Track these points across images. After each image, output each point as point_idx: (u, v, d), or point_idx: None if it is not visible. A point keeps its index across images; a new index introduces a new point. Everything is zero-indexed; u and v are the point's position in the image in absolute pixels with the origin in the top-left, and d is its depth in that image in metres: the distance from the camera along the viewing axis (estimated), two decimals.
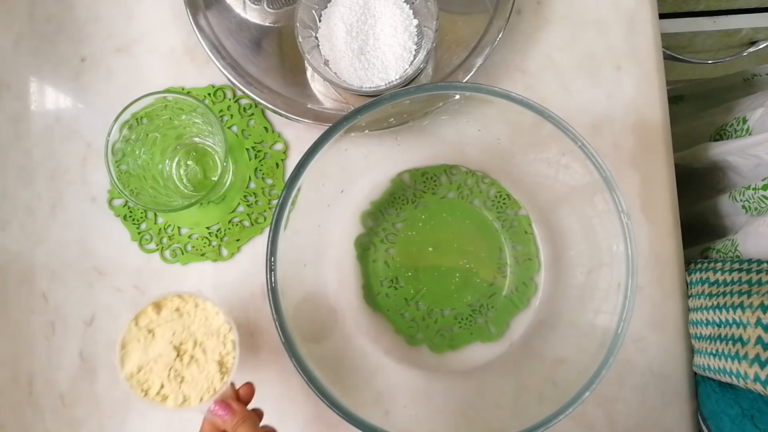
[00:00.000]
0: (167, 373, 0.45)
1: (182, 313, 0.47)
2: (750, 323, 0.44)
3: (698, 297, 0.53)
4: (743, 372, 0.44)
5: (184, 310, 0.47)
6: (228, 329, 0.46)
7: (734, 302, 0.46)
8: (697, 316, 0.53)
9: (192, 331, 0.46)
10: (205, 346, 0.46)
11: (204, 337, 0.46)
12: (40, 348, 0.58)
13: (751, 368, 0.43)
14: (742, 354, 0.44)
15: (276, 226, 0.45)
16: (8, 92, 0.60)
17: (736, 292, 0.47)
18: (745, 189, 0.58)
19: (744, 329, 0.45)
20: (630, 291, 0.44)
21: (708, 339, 0.50)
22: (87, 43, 0.60)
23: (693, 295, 0.55)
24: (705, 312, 0.51)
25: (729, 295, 0.48)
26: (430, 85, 0.49)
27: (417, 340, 0.56)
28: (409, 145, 0.57)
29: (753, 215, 0.57)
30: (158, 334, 0.46)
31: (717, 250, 0.58)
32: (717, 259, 0.54)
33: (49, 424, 0.57)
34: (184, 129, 0.55)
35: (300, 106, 0.56)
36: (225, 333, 0.46)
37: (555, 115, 0.45)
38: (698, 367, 0.52)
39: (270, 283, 0.45)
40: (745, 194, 0.58)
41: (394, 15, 0.54)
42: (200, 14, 0.57)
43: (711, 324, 0.50)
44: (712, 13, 0.92)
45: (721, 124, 0.66)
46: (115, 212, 0.58)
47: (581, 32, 0.59)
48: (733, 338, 0.46)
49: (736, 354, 0.45)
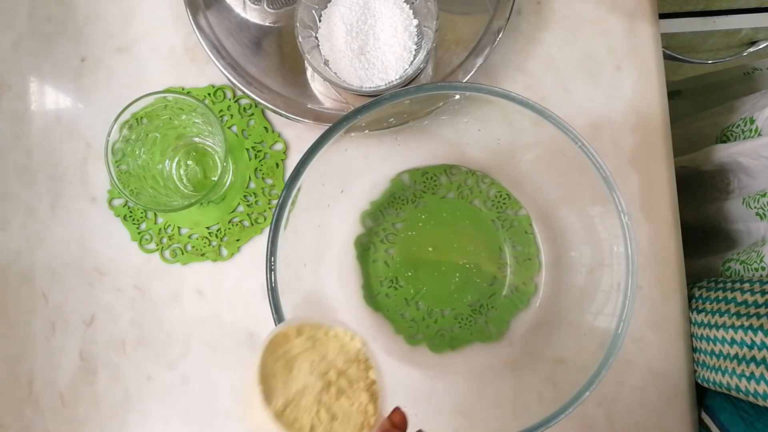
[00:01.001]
0: (316, 408, 0.38)
1: (315, 341, 0.40)
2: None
3: (720, 314, 0.51)
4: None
5: (317, 337, 0.40)
6: (366, 354, 0.40)
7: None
8: (718, 333, 0.51)
9: (330, 359, 0.39)
10: (349, 375, 0.39)
11: (345, 364, 0.39)
12: (40, 348, 0.58)
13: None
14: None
15: (276, 226, 0.45)
16: (8, 92, 0.60)
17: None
18: (761, 196, 0.57)
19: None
20: (630, 291, 0.44)
21: (734, 359, 0.48)
22: (87, 43, 0.60)
23: (707, 311, 0.53)
24: (732, 331, 0.49)
25: (766, 317, 0.46)
26: (430, 85, 0.49)
27: (417, 340, 0.56)
28: (409, 145, 0.57)
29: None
30: (296, 365, 0.39)
31: (741, 261, 0.57)
32: (742, 279, 0.52)
33: (49, 424, 0.57)
34: (184, 129, 0.55)
35: (300, 106, 0.56)
36: (364, 359, 0.40)
37: (555, 115, 0.45)
38: (718, 384, 0.50)
39: (270, 283, 0.45)
40: (760, 201, 0.57)
41: (394, 15, 0.54)
42: (200, 14, 0.57)
43: (741, 344, 0.48)
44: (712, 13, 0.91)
45: (726, 125, 0.65)
46: (115, 212, 0.58)
47: (581, 32, 0.59)
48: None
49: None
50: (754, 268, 0.54)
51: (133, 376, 0.57)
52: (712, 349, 0.52)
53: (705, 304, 0.54)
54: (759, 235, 0.59)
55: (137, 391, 0.57)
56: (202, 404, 0.57)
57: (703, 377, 0.53)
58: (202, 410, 0.57)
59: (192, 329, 0.57)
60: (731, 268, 0.58)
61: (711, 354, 0.52)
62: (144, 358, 0.57)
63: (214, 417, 0.57)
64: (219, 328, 0.57)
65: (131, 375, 0.57)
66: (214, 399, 0.57)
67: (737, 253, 0.59)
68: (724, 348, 0.50)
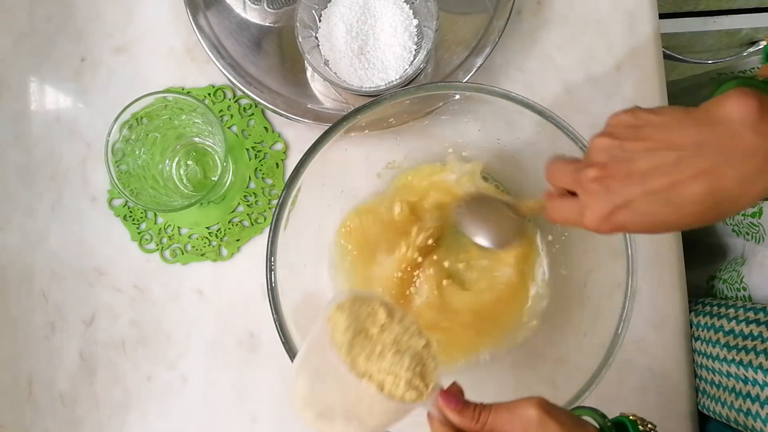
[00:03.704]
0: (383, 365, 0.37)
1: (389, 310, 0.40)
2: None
3: (713, 344, 0.51)
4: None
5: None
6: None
7: (761, 363, 0.44)
8: (714, 364, 0.50)
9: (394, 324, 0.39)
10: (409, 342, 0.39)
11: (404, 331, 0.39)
12: (40, 348, 0.58)
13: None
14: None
15: (276, 226, 0.45)
16: (8, 92, 0.60)
17: (761, 350, 0.45)
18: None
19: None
20: (630, 291, 0.44)
21: (732, 392, 0.47)
22: (87, 43, 0.60)
23: (704, 340, 0.53)
24: (726, 364, 0.48)
25: (753, 352, 0.45)
26: (430, 85, 0.49)
27: None
28: (409, 145, 0.57)
29: (748, 241, 0.56)
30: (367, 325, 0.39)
31: (723, 280, 0.57)
32: (727, 304, 0.52)
33: (49, 424, 0.57)
34: (184, 129, 0.55)
35: (300, 106, 0.56)
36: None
37: (555, 115, 0.45)
38: (718, 415, 0.50)
39: (270, 283, 0.45)
40: (735, 219, 0.58)
41: (394, 15, 0.54)
42: (200, 14, 0.57)
43: (736, 378, 0.47)
44: (712, 13, 0.92)
45: None
46: (115, 212, 0.58)
47: (581, 32, 0.59)
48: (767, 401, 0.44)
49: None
50: (736, 288, 0.55)
51: (133, 376, 0.57)
52: (712, 379, 0.51)
53: (700, 331, 0.54)
54: (737, 252, 0.59)
55: (137, 391, 0.57)
56: (202, 404, 0.57)
57: (705, 405, 0.52)
58: (202, 410, 0.57)
59: (192, 329, 0.57)
60: (715, 287, 0.59)
61: (712, 384, 0.51)
62: (144, 358, 0.57)
63: (214, 417, 0.57)
64: (219, 328, 0.57)
65: (131, 375, 0.57)
66: (214, 399, 0.57)
67: (719, 270, 0.59)
68: (723, 380, 0.49)
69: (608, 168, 0.33)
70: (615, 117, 0.35)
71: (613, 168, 0.33)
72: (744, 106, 0.30)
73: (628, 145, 0.33)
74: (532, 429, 0.34)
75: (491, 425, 0.35)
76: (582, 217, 0.35)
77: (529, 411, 0.34)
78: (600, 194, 0.34)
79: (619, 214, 0.33)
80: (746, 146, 0.30)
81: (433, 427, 0.37)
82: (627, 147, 0.33)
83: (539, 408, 0.34)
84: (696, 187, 0.31)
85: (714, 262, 0.62)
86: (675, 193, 0.32)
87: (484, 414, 0.35)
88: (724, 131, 0.31)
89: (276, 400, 0.56)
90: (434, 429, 0.37)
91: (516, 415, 0.34)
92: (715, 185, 0.31)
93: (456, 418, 0.36)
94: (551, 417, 0.34)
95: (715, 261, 0.62)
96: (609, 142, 0.34)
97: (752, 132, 0.30)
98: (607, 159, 0.34)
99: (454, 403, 0.36)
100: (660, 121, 0.33)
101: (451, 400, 0.37)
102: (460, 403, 0.36)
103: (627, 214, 0.33)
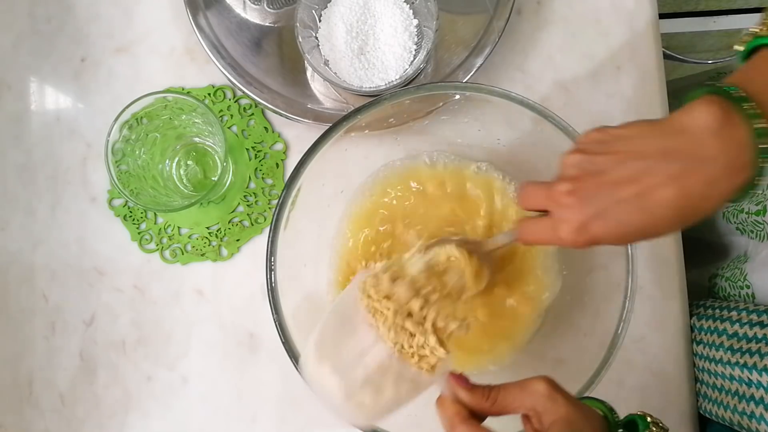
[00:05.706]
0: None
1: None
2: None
3: (715, 348, 0.51)
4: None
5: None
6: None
7: (766, 366, 0.44)
8: (717, 368, 0.50)
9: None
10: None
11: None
12: (40, 348, 0.58)
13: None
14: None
15: (276, 226, 0.45)
16: (8, 92, 0.60)
17: (765, 353, 0.45)
18: (738, 212, 0.57)
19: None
20: (630, 291, 0.44)
21: (734, 395, 0.48)
22: (87, 43, 0.60)
23: (706, 344, 0.53)
24: (729, 367, 0.48)
25: (757, 354, 0.45)
26: (430, 85, 0.49)
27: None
28: (409, 145, 0.57)
29: (752, 239, 0.56)
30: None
31: (726, 278, 0.57)
32: (729, 306, 0.52)
33: (49, 424, 0.57)
34: (184, 129, 0.55)
35: (300, 106, 0.56)
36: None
37: (555, 115, 0.45)
38: (720, 418, 0.50)
39: (270, 283, 0.45)
40: (739, 217, 0.57)
41: (394, 15, 0.55)
42: (200, 14, 0.57)
43: (740, 381, 0.47)
44: (712, 13, 0.92)
45: None
46: (115, 212, 0.58)
47: (581, 32, 0.59)
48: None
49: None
50: (739, 286, 0.54)
51: (133, 376, 0.57)
52: (713, 383, 0.51)
53: (702, 335, 0.54)
54: (741, 250, 0.59)
55: (137, 391, 0.57)
56: (202, 404, 0.57)
57: (706, 409, 0.52)
58: (202, 410, 0.57)
59: (192, 329, 0.57)
60: (718, 285, 0.58)
61: (713, 387, 0.51)
62: (144, 358, 0.57)
63: (214, 417, 0.57)
64: (219, 328, 0.57)
65: (131, 375, 0.57)
66: (214, 399, 0.57)
67: (722, 268, 0.59)
68: (725, 383, 0.49)
69: (580, 181, 0.35)
70: (585, 135, 0.37)
71: (584, 180, 0.35)
72: (707, 113, 0.32)
73: (598, 159, 0.35)
74: (541, 401, 0.36)
75: (501, 402, 0.37)
76: (557, 232, 0.36)
77: (538, 386, 0.36)
78: (573, 207, 0.35)
79: (593, 224, 0.34)
80: (709, 151, 0.32)
81: (443, 407, 0.38)
82: (597, 160, 0.35)
83: (548, 383, 0.36)
84: (665, 191, 0.32)
85: (716, 260, 0.62)
86: (646, 199, 0.33)
87: (494, 392, 0.37)
88: (689, 138, 0.33)
89: (276, 400, 0.56)
90: (445, 409, 0.38)
91: (525, 391, 0.36)
92: (683, 189, 0.32)
93: (467, 397, 0.37)
94: (559, 392, 0.36)
95: (717, 260, 0.62)
96: (579, 158, 0.35)
97: (714, 138, 0.32)
98: (579, 172, 0.35)
99: (464, 382, 0.38)
100: (628, 133, 0.35)
101: (462, 379, 0.38)
102: (470, 383, 0.38)
103: (601, 224, 0.34)
